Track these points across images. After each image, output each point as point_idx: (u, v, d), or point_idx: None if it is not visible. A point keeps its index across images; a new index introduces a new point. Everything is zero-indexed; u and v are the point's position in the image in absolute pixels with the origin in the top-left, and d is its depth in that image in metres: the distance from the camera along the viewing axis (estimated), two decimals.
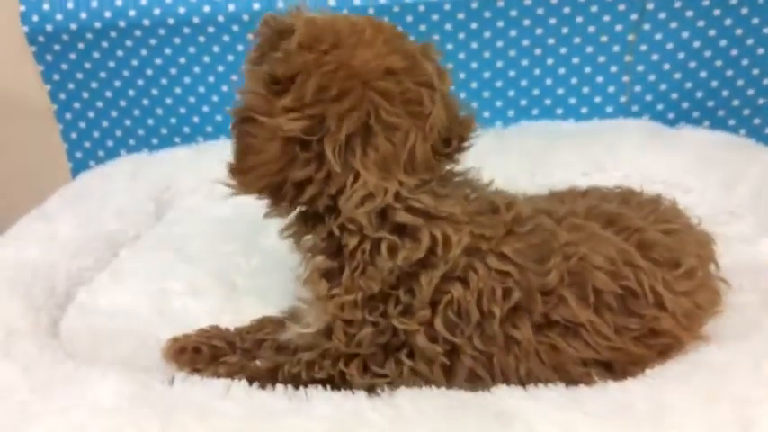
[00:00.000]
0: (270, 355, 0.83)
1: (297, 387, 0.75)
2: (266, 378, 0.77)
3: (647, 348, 0.74)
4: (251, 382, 0.75)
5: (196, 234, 1.17)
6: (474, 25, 1.36)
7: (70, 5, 1.39)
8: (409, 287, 0.72)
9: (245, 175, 0.73)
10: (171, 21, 1.38)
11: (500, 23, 1.36)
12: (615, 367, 0.74)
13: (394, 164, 0.71)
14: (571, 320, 0.72)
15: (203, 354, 0.84)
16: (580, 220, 0.79)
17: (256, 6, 1.36)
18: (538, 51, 1.40)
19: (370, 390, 0.74)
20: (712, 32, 1.34)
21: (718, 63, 1.37)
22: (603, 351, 0.73)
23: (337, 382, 0.76)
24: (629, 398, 0.68)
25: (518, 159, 1.30)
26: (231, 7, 1.36)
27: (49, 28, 1.40)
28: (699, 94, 1.41)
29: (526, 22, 1.36)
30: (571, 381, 0.72)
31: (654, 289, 0.74)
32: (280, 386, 0.74)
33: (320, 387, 0.74)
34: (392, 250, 0.72)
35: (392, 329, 0.73)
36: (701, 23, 1.34)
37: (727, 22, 1.32)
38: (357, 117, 0.69)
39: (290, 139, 0.69)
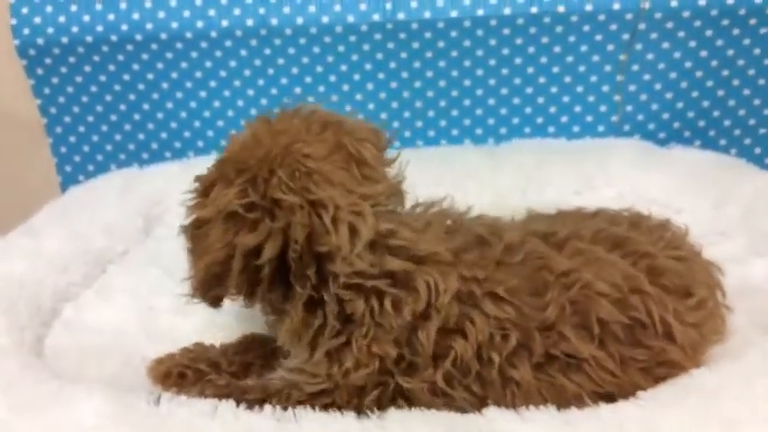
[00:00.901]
0: (258, 387, 0.81)
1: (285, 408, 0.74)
2: (254, 402, 0.75)
3: (653, 380, 0.73)
4: (238, 404, 0.73)
5: (184, 251, 1.16)
6: (467, 43, 1.36)
7: (62, 19, 1.38)
8: (410, 342, 0.71)
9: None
10: (163, 36, 1.38)
11: (493, 41, 1.36)
12: (618, 398, 0.72)
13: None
14: (573, 355, 0.71)
15: (188, 378, 0.82)
16: (584, 244, 0.76)
17: (250, 22, 1.36)
18: (530, 70, 1.40)
19: (359, 411, 0.73)
20: (704, 53, 1.35)
21: (710, 83, 1.38)
22: (607, 385, 0.71)
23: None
24: (622, 421, 0.67)
25: (510, 177, 1.30)
26: (224, 23, 1.36)
27: (39, 41, 1.40)
28: (690, 114, 1.42)
29: (518, 41, 1.36)
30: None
31: (663, 320, 0.72)
32: (268, 407, 0.73)
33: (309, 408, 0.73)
34: (396, 305, 0.70)
35: (395, 385, 0.72)
36: (692, 44, 1.34)
37: (719, 42, 1.33)
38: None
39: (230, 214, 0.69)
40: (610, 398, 0.72)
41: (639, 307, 0.72)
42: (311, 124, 0.74)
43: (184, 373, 0.83)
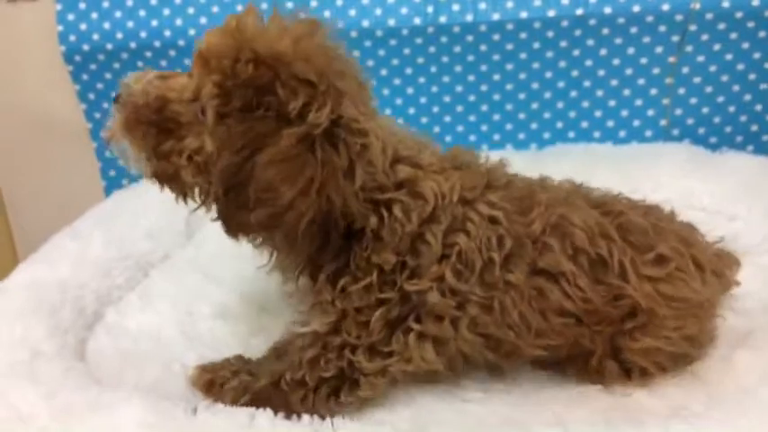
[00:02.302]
0: (268, 365, 0.82)
1: (305, 396, 0.75)
2: (270, 393, 0.76)
3: (613, 308, 0.78)
4: (256, 402, 0.75)
5: (225, 255, 1.16)
6: (509, 46, 1.34)
7: (107, 25, 1.40)
8: (415, 249, 0.73)
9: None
10: None
11: (536, 45, 1.34)
12: (585, 322, 0.77)
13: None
14: (555, 269, 0.76)
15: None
16: (563, 194, 0.82)
17: None
18: (575, 73, 1.37)
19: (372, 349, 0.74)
20: (757, 55, 1.30)
21: (763, 86, 1.33)
22: (578, 302, 0.76)
23: (347, 374, 0.75)
24: None
25: None
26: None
27: (85, 48, 1.42)
28: (742, 118, 1.37)
29: (563, 44, 1.33)
30: (551, 331, 0.77)
31: (622, 263, 0.77)
32: (305, 416, 0.73)
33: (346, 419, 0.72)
34: (406, 212, 0.72)
35: (400, 300, 0.73)
36: (745, 45, 1.30)
37: None
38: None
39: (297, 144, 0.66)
40: (579, 321, 0.77)
41: (604, 247, 0.78)
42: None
43: (225, 384, 0.82)
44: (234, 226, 0.70)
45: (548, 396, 0.81)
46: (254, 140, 0.66)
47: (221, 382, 0.82)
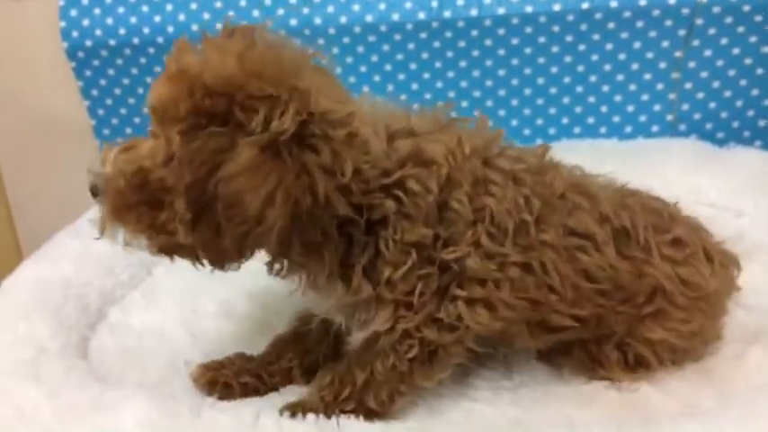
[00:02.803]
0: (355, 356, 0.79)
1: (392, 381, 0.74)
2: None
3: (636, 285, 0.78)
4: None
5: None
6: (515, 41, 1.33)
7: (109, 21, 1.40)
8: (444, 218, 0.71)
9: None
10: None
11: (542, 39, 1.33)
12: (612, 296, 0.77)
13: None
14: (584, 230, 0.76)
15: (234, 390, 0.82)
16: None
17: (293, 22, 1.35)
18: (581, 68, 1.36)
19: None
20: (765, 48, 1.29)
21: None
22: (607, 269, 0.76)
23: (427, 346, 0.74)
24: None
25: None
26: (268, 23, 1.35)
27: (88, 43, 1.41)
28: (750, 113, 1.36)
29: (569, 38, 1.32)
30: (582, 298, 0.76)
31: (645, 238, 0.78)
32: (310, 415, 0.72)
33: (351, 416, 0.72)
34: (421, 182, 0.70)
35: (440, 271, 0.71)
36: (752, 39, 1.28)
37: None
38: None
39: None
40: (604, 294, 0.77)
41: (626, 219, 0.78)
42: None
43: (230, 384, 0.82)
44: (214, 255, 0.68)
45: (556, 396, 0.80)
46: (212, 154, 0.63)
47: (224, 380, 0.81)
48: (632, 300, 0.78)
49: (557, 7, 1.29)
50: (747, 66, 1.31)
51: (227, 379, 0.82)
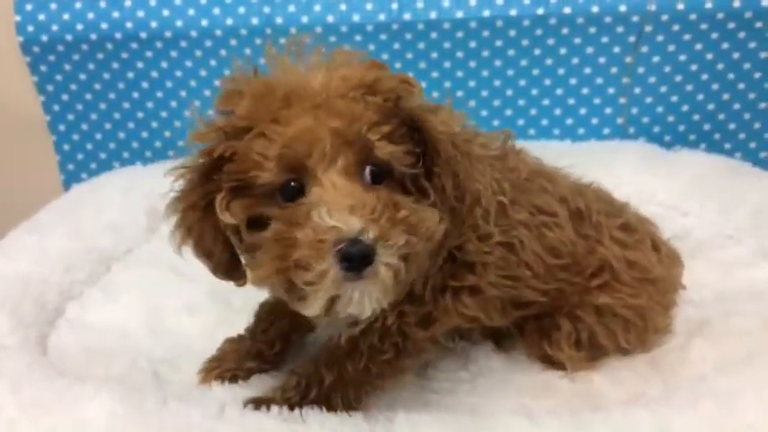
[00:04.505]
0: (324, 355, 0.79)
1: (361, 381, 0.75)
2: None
3: (586, 260, 0.83)
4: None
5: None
6: (472, 44, 1.36)
7: (66, 16, 1.38)
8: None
9: None
10: (168, 34, 1.37)
11: (498, 43, 1.36)
12: (570, 270, 0.82)
13: None
14: (549, 210, 0.80)
15: (241, 377, 0.84)
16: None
17: (254, 21, 1.35)
18: (536, 71, 1.40)
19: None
20: (710, 56, 1.35)
21: (715, 86, 1.38)
22: (568, 245, 0.80)
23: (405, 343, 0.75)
24: (635, 424, 0.66)
25: None
26: (229, 21, 1.36)
27: (44, 38, 1.39)
28: (696, 117, 1.41)
29: (524, 42, 1.36)
30: (548, 274, 0.80)
31: (597, 221, 0.84)
32: (275, 407, 0.73)
33: (315, 408, 0.73)
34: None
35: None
36: (698, 47, 1.34)
37: (725, 45, 1.33)
38: None
39: None
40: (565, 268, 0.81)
41: (581, 203, 0.84)
42: None
43: (236, 375, 0.83)
44: None
45: (513, 385, 0.83)
46: None
47: (230, 373, 0.83)
48: (583, 273, 0.83)
49: (513, 12, 1.32)
50: (693, 72, 1.37)
51: (232, 370, 0.83)
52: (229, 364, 0.84)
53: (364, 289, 0.59)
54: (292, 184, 0.63)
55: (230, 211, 0.64)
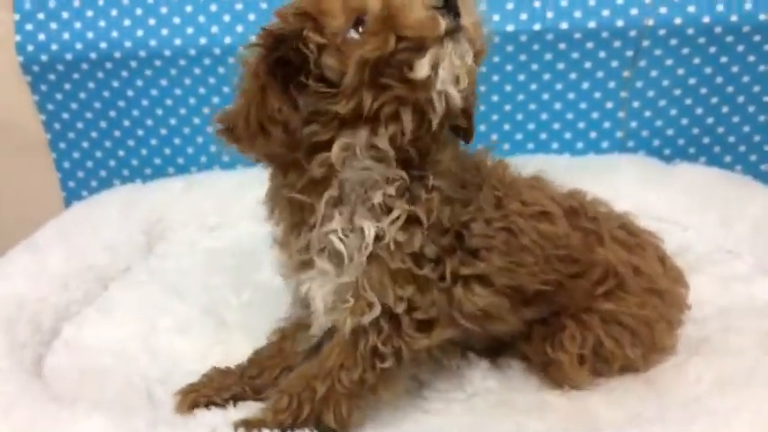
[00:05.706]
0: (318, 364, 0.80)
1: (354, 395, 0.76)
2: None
3: (587, 257, 0.83)
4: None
5: (187, 268, 1.15)
6: None
7: (66, 36, 1.39)
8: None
9: None
10: (167, 52, 1.38)
11: (496, 58, 1.36)
12: (568, 265, 0.83)
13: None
14: (538, 203, 0.82)
15: (218, 404, 0.83)
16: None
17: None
18: (533, 86, 1.40)
19: None
20: (708, 70, 1.34)
21: (714, 100, 1.37)
22: (562, 237, 0.82)
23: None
24: None
25: None
26: (227, 39, 1.36)
27: (44, 58, 1.40)
28: (695, 131, 1.41)
29: (522, 57, 1.36)
30: (546, 263, 0.80)
31: (594, 215, 0.86)
32: (265, 430, 0.72)
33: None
34: None
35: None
36: (696, 60, 1.34)
37: (723, 59, 1.32)
38: None
39: None
40: (563, 259, 0.82)
41: (575, 202, 0.87)
42: None
43: (214, 401, 0.83)
44: None
45: (508, 405, 0.82)
46: None
47: (206, 400, 0.83)
48: (586, 275, 0.84)
49: (510, 28, 1.32)
50: (692, 85, 1.37)
51: (210, 398, 0.83)
52: (207, 392, 0.83)
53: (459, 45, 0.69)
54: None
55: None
